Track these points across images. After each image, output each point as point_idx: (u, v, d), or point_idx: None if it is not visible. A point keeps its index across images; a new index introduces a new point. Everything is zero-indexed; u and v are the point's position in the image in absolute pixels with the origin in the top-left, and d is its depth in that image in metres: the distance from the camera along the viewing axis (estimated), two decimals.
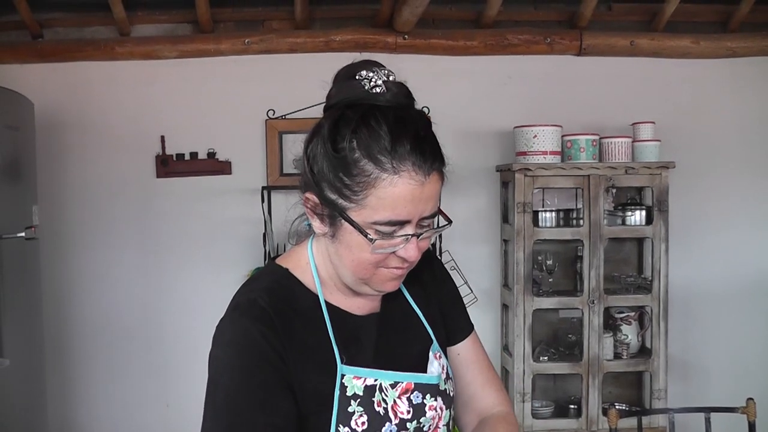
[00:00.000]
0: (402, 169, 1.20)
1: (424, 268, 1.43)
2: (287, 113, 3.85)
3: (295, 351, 1.27)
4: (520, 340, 3.71)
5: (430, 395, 1.35)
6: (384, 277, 1.29)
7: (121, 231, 4.01)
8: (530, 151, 3.67)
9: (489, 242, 4.07)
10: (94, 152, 4.00)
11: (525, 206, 3.64)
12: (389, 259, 1.27)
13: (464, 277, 3.80)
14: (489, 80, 4.03)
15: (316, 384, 1.28)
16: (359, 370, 1.31)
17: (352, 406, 1.29)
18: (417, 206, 1.22)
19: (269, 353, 1.24)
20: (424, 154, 1.21)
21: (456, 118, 3.97)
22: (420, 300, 1.44)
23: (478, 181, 4.03)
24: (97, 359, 4.03)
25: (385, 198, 1.21)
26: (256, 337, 1.25)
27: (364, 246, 1.24)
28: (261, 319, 1.26)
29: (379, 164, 1.20)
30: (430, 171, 1.22)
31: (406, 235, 1.23)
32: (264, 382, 1.24)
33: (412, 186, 1.20)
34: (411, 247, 1.24)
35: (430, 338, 1.41)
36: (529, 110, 3.96)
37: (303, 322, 1.30)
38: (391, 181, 1.20)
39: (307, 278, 1.36)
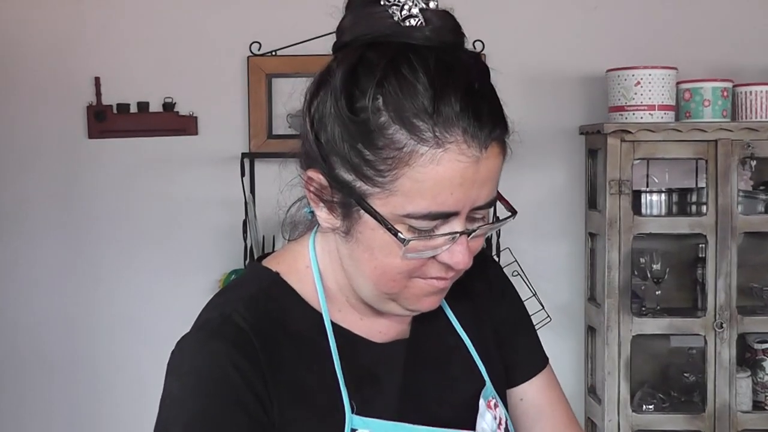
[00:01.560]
0: (449, 139, 1.16)
1: (475, 277, 1.40)
2: (278, 48, 3.82)
3: (285, 392, 1.27)
4: (612, 379, 3.62)
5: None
6: (419, 291, 1.27)
7: (34, 213, 3.97)
8: (630, 106, 3.60)
9: (568, 237, 4.03)
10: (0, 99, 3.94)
11: (622, 185, 3.59)
12: (428, 266, 1.24)
13: (532, 287, 3.76)
14: (569, 3, 3.98)
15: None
16: (376, 422, 1.30)
17: None
18: (468, 192, 1.19)
19: (244, 394, 1.23)
20: (480, 117, 1.17)
21: (522, 59, 3.94)
22: (469, 323, 1.46)
23: (552, 148, 3.98)
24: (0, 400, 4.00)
25: (423, 181, 1.17)
26: (226, 370, 1.24)
27: (392, 248, 1.21)
28: (237, 343, 1.25)
29: (415, 132, 1.16)
30: (487, 141, 1.18)
31: (452, 233, 1.20)
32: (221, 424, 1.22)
33: (462, 164, 1.17)
34: (459, 250, 1.22)
35: (482, 379, 1.42)
36: (628, 46, 3.91)
37: (298, 352, 1.30)
38: (432, 156, 1.16)
39: (306, 289, 1.35)
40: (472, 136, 1.16)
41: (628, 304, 3.60)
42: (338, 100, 1.19)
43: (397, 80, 1.16)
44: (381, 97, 1.16)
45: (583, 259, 3.97)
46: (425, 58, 1.17)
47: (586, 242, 3.94)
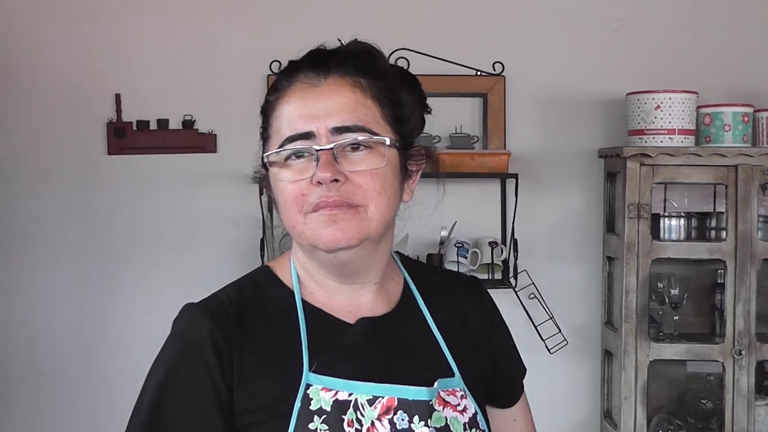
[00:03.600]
0: (294, 80, 1.46)
1: (465, 298, 1.65)
2: None
3: (252, 354, 1.46)
4: (629, 404, 3.61)
5: (419, 418, 1.44)
6: (316, 224, 1.43)
7: (52, 229, 3.95)
8: (650, 129, 3.60)
9: (586, 261, 4.01)
10: (13, 115, 3.93)
11: (640, 209, 3.58)
12: (311, 194, 1.42)
13: (549, 310, 3.74)
14: (590, 26, 3.97)
15: (275, 393, 1.44)
16: (330, 380, 1.44)
17: (315, 423, 1.42)
18: (313, 111, 1.42)
19: (208, 354, 1.45)
20: (322, 58, 1.46)
21: (541, 81, 3.94)
22: (446, 327, 1.58)
23: (571, 171, 3.97)
24: (14, 414, 3.99)
25: (281, 116, 1.46)
26: (200, 335, 1.46)
27: (284, 186, 1.44)
28: (215, 313, 1.48)
29: (277, 89, 1.48)
30: (326, 72, 1.44)
31: (310, 148, 1.41)
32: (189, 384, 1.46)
33: (303, 90, 1.44)
34: (322, 163, 1.40)
35: (452, 371, 1.53)
36: (648, 70, 3.90)
37: (272, 323, 1.50)
38: (285, 94, 1.46)
39: (286, 276, 1.56)
40: (311, 70, 1.44)
41: (645, 329, 3.58)
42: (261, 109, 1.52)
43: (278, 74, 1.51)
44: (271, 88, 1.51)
45: (600, 282, 3.96)
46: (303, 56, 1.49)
47: (603, 266, 3.93)
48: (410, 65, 3.68)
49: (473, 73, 3.81)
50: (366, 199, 1.43)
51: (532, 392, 3.79)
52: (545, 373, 3.76)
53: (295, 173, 1.43)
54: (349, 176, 1.42)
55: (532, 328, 3.64)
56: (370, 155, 1.44)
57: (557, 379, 3.80)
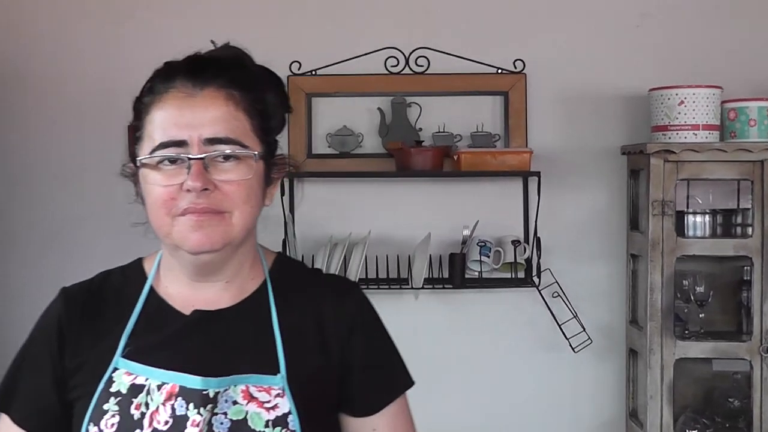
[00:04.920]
0: (171, 87, 1.51)
1: (328, 303, 1.66)
2: (318, 67, 3.82)
3: (90, 335, 1.59)
4: (655, 403, 3.58)
5: (194, 406, 1.50)
6: (184, 228, 1.50)
7: (81, 231, 3.97)
8: (674, 125, 3.60)
9: (609, 259, 4.00)
10: (41, 118, 3.97)
11: (665, 206, 3.57)
12: (180, 199, 1.48)
13: (573, 308, 3.72)
14: (613, 21, 3.96)
15: (90, 373, 1.56)
16: (134, 365, 1.54)
17: (109, 404, 1.52)
18: (188, 119, 1.49)
19: (52, 330, 1.61)
20: (200, 68, 1.53)
21: (563, 78, 3.95)
22: (290, 330, 1.61)
23: (593, 168, 3.97)
24: None
25: (154, 120, 1.51)
26: (52, 314, 1.64)
27: (152, 188, 1.50)
28: (69, 297, 1.65)
29: (153, 92, 1.53)
30: (203, 83, 1.51)
31: (181, 156, 1.47)
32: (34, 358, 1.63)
33: (179, 99, 1.50)
34: (191, 174, 1.46)
35: (277, 368, 1.57)
36: (671, 65, 3.90)
37: (115, 309, 1.62)
38: (160, 100, 1.51)
39: (149, 267, 1.67)
40: (188, 80, 1.50)
41: (670, 327, 3.57)
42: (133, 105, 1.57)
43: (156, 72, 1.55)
44: (147, 85, 1.54)
45: (624, 280, 3.94)
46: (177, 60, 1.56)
47: (627, 264, 3.92)
48: (431, 64, 3.72)
49: (494, 71, 3.81)
50: (232, 206, 1.51)
51: (557, 390, 3.84)
52: (570, 373, 3.76)
53: (165, 178, 1.50)
54: (217, 185, 1.50)
55: (555, 326, 3.63)
56: (238, 166, 1.51)
57: (582, 378, 3.78)
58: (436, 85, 3.71)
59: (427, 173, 3.61)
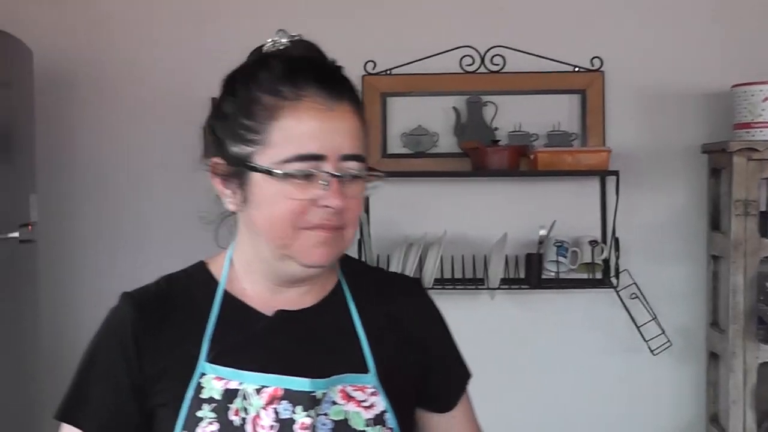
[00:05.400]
0: (304, 95, 1.45)
1: (400, 299, 1.66)
2: (393, 67, 3.85)
3: (166, 341, 1.55)
4: (738, 408, 3.58)
5: (303, 409, 1.48)
6: (308, 242, 1.47)
7: (153, 232, 4.05)
8: (757, 123, 3.58)
9: (689, 260, 3.98)
10: (116, 121, 4.04)
11: (748, 206, 3.57)
12: (310, 213, 1.45)
13: (651, 310, 3.71)
14: (692, 16, 3.95)
15: (174, 380, 1.52)
16: (223, 370, 1.51)
17: (203, 411, 1.49)
18: (328, 137, 1.45)
19: (125, 337, 1.55)
20: (329, 81, 1.47)
21: (640, 75, 3.94)
22: (372, 328, 1.60)
23: (673, 167, 3.96)
24: None
25: (288, 129, 1.45)
26: (123, 320, 1.57)
27: (276, 197, 1.46)
28: (139, 302, 1.59)
29: (278, 94, 1.46)
30: (338, 98, 1.46)
31: (321, 172, 1.43)
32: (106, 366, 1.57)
33: (318, 111, 1.45)
34: (333, 190, 1.44)
35: (365, 367, 1.56)
36: (755, 60, 3.87)
37: (189, 313, 1.58)
38: (293, 108, 1.45)
39: (217, 269, 1.63)
40: (323, 92, 1.44)
41: (753, 330, 3.54)
42: (224, 95, 1.51)
43: (264, 67, 1.48)
44: (252, 81, 1.48)
45: (704, 282, 3.92)
46: (284, 56, 1.50)
47: (708, 265, 3.90)
48: (506, 62, 3.74)
49: (571, 69, 3.81)
50: (349, 222, 1.51)
51: (636, 393, 3.80)
52: (648, 375, 3.74)
53: (297, 190, 1.46)
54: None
55: (633, 328, 3.62)
56: (359, 183, 1.51)
57: (661, 381, 3.76)
58: (512, 83, 3.70)
59: (504, 173, 3.61)
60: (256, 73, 1.50)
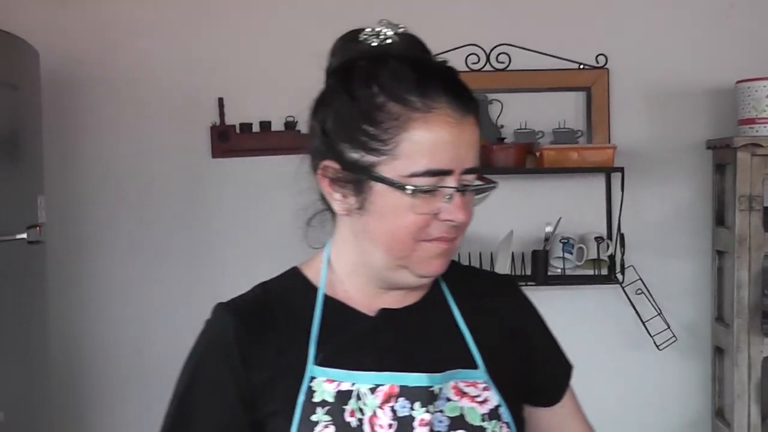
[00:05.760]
0: (435, 107, 1.40)
1: (498, 295, 1.66)
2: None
3: (270, 349, 1.53)
4: (742, 402, 3.62)
5: (421, 404, 1.47)
6: (427, 254, 1.46)
7: (160, 233, 4.09)
8: (762, 118, 3.60)
9: (694, 255, 4.02)
10: (124, 122, 4.07)
11: (752, 201, 3.59)
12: (432, 226, 1.43)
13: (657, 306, 3.74)
14: (698, 12, 3.98)
15: (284, 387, 1.50)
16: (333, 372, 1.49)
17: (317, 415, 1.47)
18: (458, 151, 1.41)
19: (229, 348, 1.53)
20: (458, 91, 1.43)
21: (645, 72, 3.98)
22: (475, 323, 1.59)
23: (678, 163, 3.99)
24: (123, 404, 4.17)
25: (420, 141, 1.40)
26: (225, 330, 1.54)
27: (400, 209, 1.42)
28: (240, 311, 1.55)
29: (408, 104, 1.40)
30: (466, 110, 1.42)
31: (449, 187, 1.41)
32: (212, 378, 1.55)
33: (449, 125, 1.41)
34: (457, 205, 1.42)
35: (474, 363, 1.55)
36: (760, 56, 3.90)
37: (290, 319, 1.55)
38: (424, 120, 1.40)
39: (314, 275, 1.59)
40: (453, 104, 1.40)
41: (758, 325, 3.58)
42: (340, 94, 1.44)
43: (387, 70, 1.41)
44: (375, 84, 1.41)
45: (709, 277, 3.95)
46: (404, 58, 1.43)
47: (713, 260, 3.93)
48: (512, 60, 3.75)
49: (576, 66, 3.83)
50: (462, 232, 1.50)
51: (641, 388, 3.85)
52: (654, 370, 3.78)
53: (422, 204, 1.42)
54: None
55: (639, 324, 3.67)
56: (473, 194, 1.49)
57: (666, 376, 3.79)
58: (518, 81, 3.72)
59: (510, 170, 3.64)
60: (377, 74, 1.43)
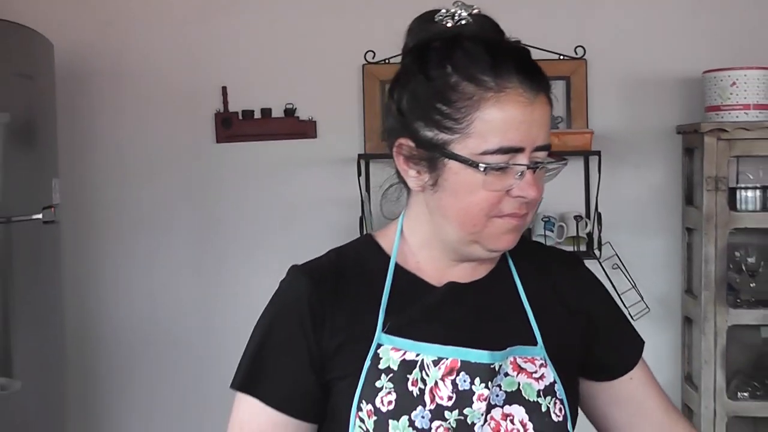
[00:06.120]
0: (507, 86, 1.39)
1: (561, 271, 1.65)
2: (392, 56, 3.82)
3: (342, 313, 1.51)
4: (709, 368, 3.67)
5: (480, 380, 1.46)
6: (498, 230, 1.45)
7: (168, 213, 4.14)
8: (726, 105, 3.64)
9: (666, 232, 4.06)
10: (133, 109, 4.12)
11: (718, 182, 3.63)
12: (503, 203, 1.43)
13: (631, 279, 3.78)
14: (668, 8, 4.02)
15: (352, 352, 1.49)
16: (400, 341, 1.48)
17: (381, 381, 1.46)
18: (529, 129, 1.40)
19: (302, 310, 1.51)
20: (530, 71, 1.42)
21: (621, 62, 4.03)
22: (537, 300, 1.59)
23: (651, 147, 4.04)
24: (134, 374, 4.22)
25: (492, 120, 1.39)
26: (299, 292, 1.53)
27: (473, 186, 1.42)
28: (314, 275, 1.54)
29: (481, 84, 1.39)
30: (538, 90, 1.41)
31: (521, 164, 1.40)
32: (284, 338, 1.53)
33: (521, 104, 1.39)
34: (528, 182, 1.41)
35: (534, 340, 1.54)
36: (725, 48, 3.94)
37: (363, 285, 1.54)
38: (497, 99, 1.39)
39: (388, 244, 1.58)
40: (526, 84, 1.39)
41: (723, 296, 3.63)
42: (415, 75, 1.44)
43: (461, 51, 1.41)
44: (449, 64, 1.41)
45: (680, 253, 4.00)
46: (478, 39, 1.43)
47: (683, 237, 3.96)
48: None
49: (556, 57, 3.84)
50: (533, 208, 1.49)
51: None
52: None
53: (494, 181, 1.43)
54: None
55: (615, 296, 3.56)
56: (543, 170, 1.48)
57: None
58: None
59: None
60: (452, 55, 1.43)
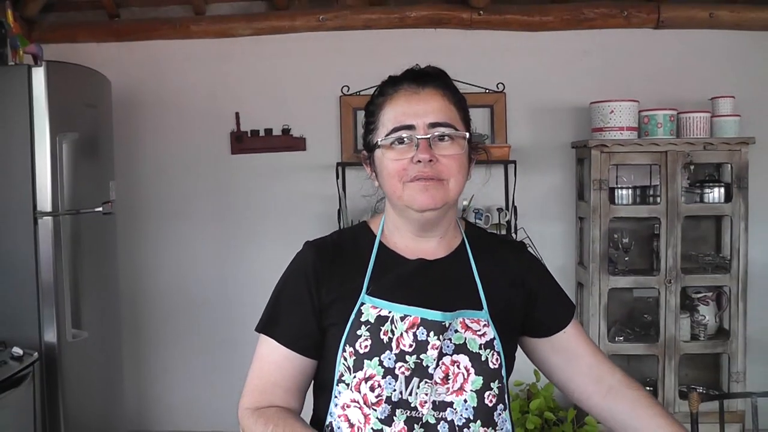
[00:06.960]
0: (399, 88, 1.60)
1: (508, 253, 1.75)
2: (361, 89, 4.07)
3: (338, 277, 1.64)
4: (595, 319, 3.90)
5: (434, 333, 1.57)
6: (413, 192, 1.58)
7: (196, 206, 4.29)
8: (606, 127, 3.86)
9: (564, 220, 4.28)
10: (170, 129, 4.27)
11: (601, 183, 3.79)
12: (409, 169, 1.57)
13: (539, 254, 3.85)
14: (565, 56, 4.25)
15: (342, 306, 1.61)
16: (377, 301, 1.60)
17: (361, 330, 1.58)
18: (415, 109, 1.57)
19: (309, 275, 1.63)
20: (416, 74, 1.61)
21: (531, 95, 4.21)
22: (486, 275, 1.68)
23: (553, 158, 4.23)
24: (173, 331, 4.33)
25: (389, 112, 1.59)
26: (306, 260, 1.66)
27: (387, 161, 1.59)
28: (319, 248, 1.68)
29: (384, 93, 1.62)
30: (425, 84, 1.59)
31: (412, 136, 1.56)
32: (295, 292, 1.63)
33: (407, 95, 1.59)
34: (422, 148, 1.55)
35: (480, 305, 1.64)
36: (605, 85, 4.16)
37: (354, 257, 1.67)
38: (391, 98, 1.60)
39: (375, 227, 1.72)
40: (414, 83, 1.59)
41: (605, 267, 3.85)
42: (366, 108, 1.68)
43: (386, 81, 1.63)
44: (378, 91, 1.63)
45: (574, 235, 4.21)
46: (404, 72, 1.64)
47: (576, 223, 4.21)
48: None
49: (483, 90, 4.03)
50: (449, 175, 1.57)
51: None
52: None
53: (398, 154, 1.56)
54: (438, 158, 1.57)
55: None
56: (453, 145, 1.57)
57: None
58: None
59: None
60: (381, 86, 1.63)
